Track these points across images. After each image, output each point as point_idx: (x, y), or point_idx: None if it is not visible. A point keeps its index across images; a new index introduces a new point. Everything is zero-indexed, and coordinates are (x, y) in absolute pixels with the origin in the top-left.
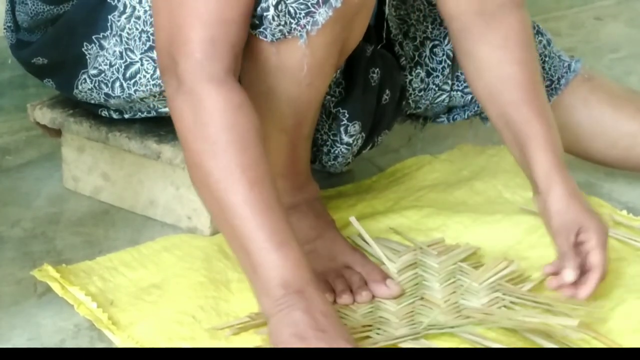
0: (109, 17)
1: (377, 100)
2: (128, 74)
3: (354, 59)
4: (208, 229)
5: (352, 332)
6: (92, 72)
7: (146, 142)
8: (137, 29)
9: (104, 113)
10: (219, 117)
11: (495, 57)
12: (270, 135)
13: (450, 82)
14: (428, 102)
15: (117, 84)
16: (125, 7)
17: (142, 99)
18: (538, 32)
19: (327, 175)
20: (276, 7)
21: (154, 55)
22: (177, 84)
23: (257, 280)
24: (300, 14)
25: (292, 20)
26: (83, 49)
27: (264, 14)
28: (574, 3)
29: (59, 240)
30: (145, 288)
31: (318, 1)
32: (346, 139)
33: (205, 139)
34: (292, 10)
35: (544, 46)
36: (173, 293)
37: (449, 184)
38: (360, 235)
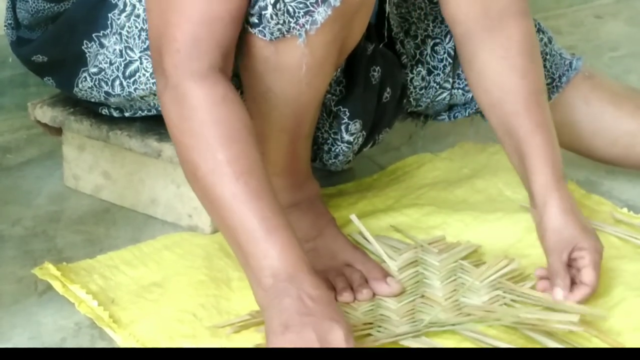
0: (109, 15)
1: (377, 99)
2: (128, 72)
3: (354, 58)
4: (209, 227)
5: (353, 330)
6: (92, 70)
7: (147, 140)
8: (136, 27)
9: (105, 111)
10: (202, 111)
11: (496, 66)
12: (270, 134)
13: (451, 80)
14: (429, 100)
15: (117, 82)
16: (125, 5)
17: (142, 97)
18: (539, 30)
19: (327, 174)
20: (274, 6)
21: None
22: (164, 81)
23: (250, 272)
24: (299, 13)
25: (290, 19)
26: (83, 47)
27: (262, 12)
28: (574, 1)
29: (59, 239)
30: (146, 286)
31: (317, 0)
32: (347, 137)
33: (190, 134)
34: (290, 9)
35: (545, 44)
36: (174, 291)
37: (450, 182)
38: (361, 233)
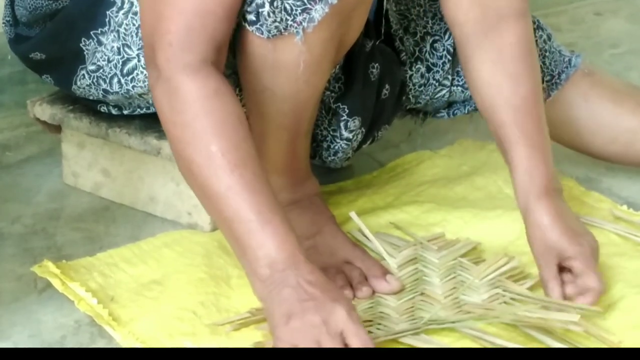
0: (107, 12)
1: (376, 96)
2: (125, 69)
3: (353, 55)
4: (208, 225)
5: None
6: (91, 67)
7: (146, 138)
8: (134, 24)
9: (103, 109)
10: (193, 104)
11: (488, 69)
12: (269, 132)
13: (450, 77)
14: (428, 97)
15: (115, 79)
16: (123, 3)
17: (140, 95)
18: (538, 27)
19: (327, 171)
20: (272, 4)
21: None
22: (156, 74)
23: (247, 263)
24: (296, 10)
25: (288, 17)
26: (81, 45)
27: (260, 10)
28: None
29: (59, 237)
30: (145, 284)
31: None
32: (346, 134)
33: (183, 127)
34: (287, 7)
35: (544, 41)
36: (173, 289)
37: (450, 179)
38: (361, 230)
